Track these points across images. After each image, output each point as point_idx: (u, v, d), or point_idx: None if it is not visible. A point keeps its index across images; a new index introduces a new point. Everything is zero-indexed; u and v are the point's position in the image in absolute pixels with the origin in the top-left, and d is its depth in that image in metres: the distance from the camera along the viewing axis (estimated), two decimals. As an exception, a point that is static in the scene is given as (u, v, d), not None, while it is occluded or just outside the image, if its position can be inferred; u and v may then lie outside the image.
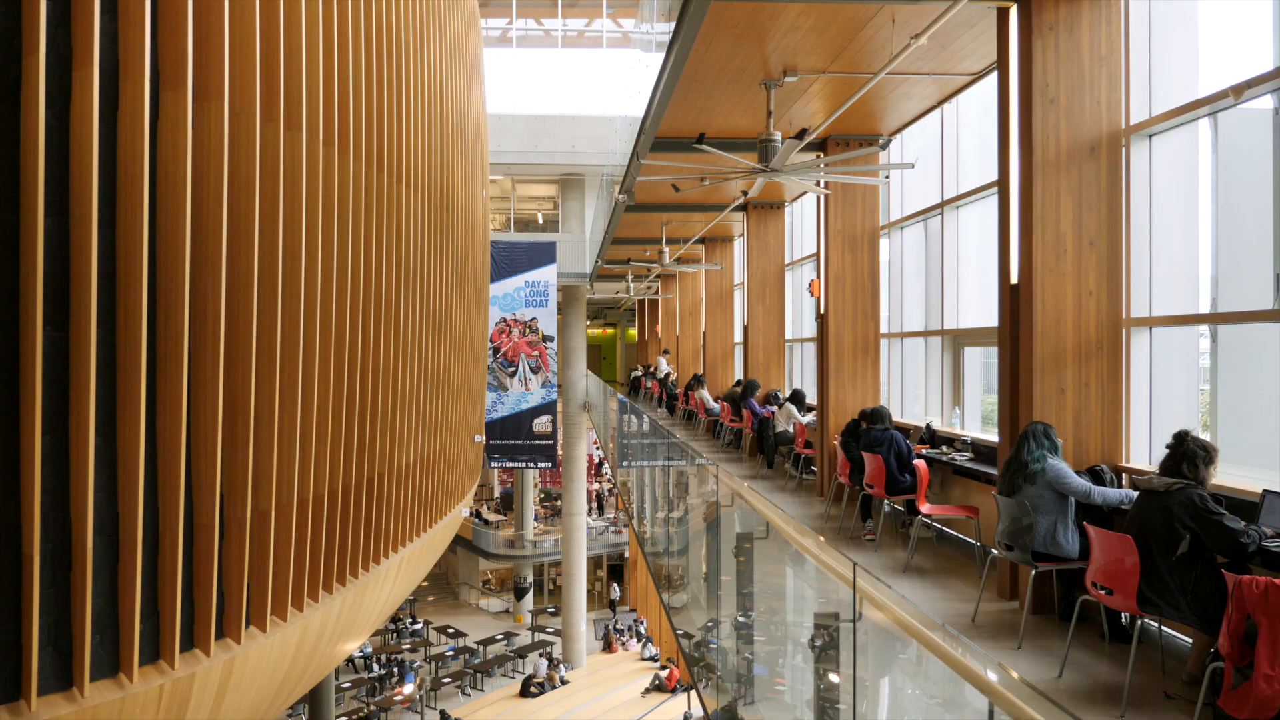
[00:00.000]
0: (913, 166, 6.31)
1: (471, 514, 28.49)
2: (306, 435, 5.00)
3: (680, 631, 7.88)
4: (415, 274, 6.76)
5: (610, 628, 25.76)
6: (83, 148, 3.64)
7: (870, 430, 6.81)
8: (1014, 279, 5.05)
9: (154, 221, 3.96)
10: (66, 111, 3.64)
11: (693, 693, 19.12)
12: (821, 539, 3.54)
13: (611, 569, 32.76)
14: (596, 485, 33.83)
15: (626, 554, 30.16)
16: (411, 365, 6.75)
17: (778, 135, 6.40)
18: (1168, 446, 3.95)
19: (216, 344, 4.23)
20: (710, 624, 6.88)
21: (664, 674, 21.51)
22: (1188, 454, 3.83)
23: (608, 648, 24.90)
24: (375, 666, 21.71)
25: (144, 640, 3.97)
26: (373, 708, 19.01)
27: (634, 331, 34.82)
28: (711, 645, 6.81)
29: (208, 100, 4.20)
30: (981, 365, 7.91)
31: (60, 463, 3.64)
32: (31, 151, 3.47)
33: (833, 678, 4.41)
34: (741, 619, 6.00)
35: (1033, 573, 4.61)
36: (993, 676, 2.12)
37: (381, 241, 5.96)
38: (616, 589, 28.80)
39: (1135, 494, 4.49)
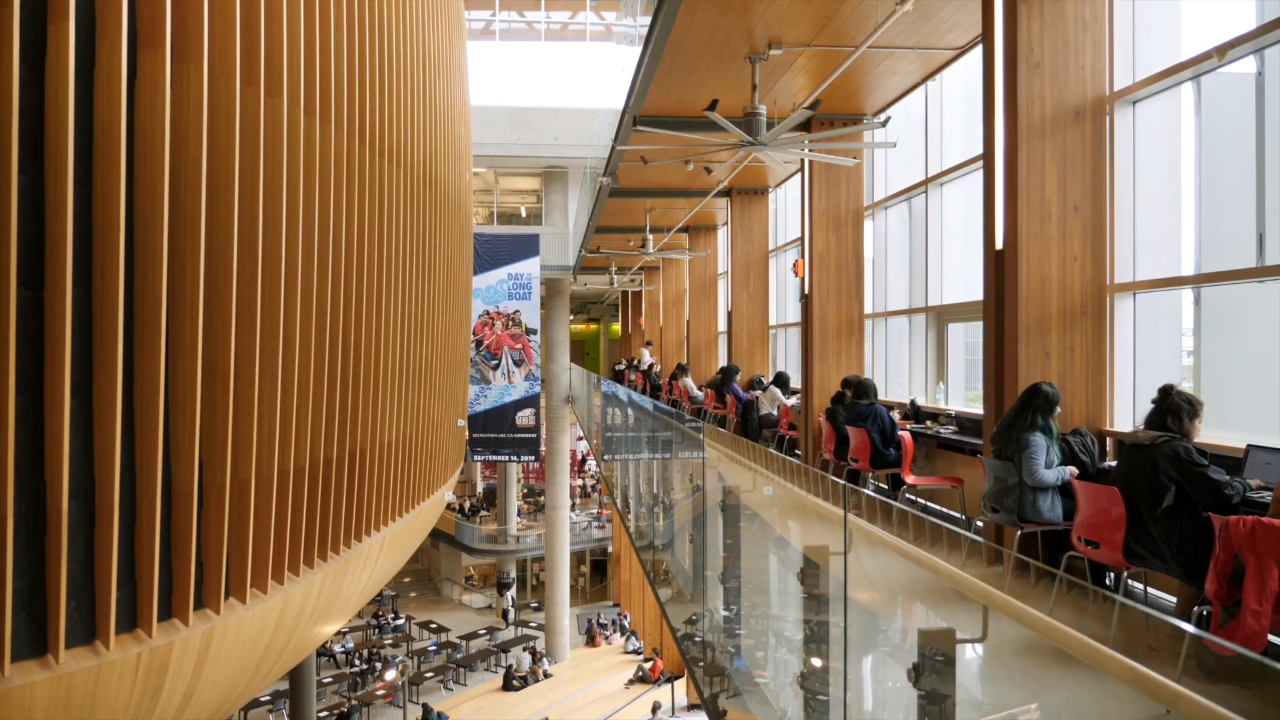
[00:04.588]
0: (885, 124, 6.31)
1: (454, 508, 28.36)
2: (287, 405, 4.94)
3: (674, 628, 7.84)
4: (397, 249, 6.69)
5: (594, 622, 25.71)
6: (58, 103, 3.56)
7: (855, 404, 6.81)
8: (999, 245, 5.07)
9: (131, 181, 3.89)
10: (41, 66, 3.55)
11: (669, 686, 19.16)
12: (808, 465, 3.52)
13: (595, 564, 32.70)
14: (580, 480, 33.76)
15: (610, 549, 30.11)
16: (393, 341, 6.69)
17: (762, 109, 6.38)
18: (1153, 400, 3.97)
19: (195, 308, 4.15)
20: (695, 617, 6.84)
21: (648, 666, 21.50)
22: (1172, 407, 3.85)
23: (591, 642, 24.85)
24: (357, 662, 21.57)
25: (121, 607, 3.89)
26: (354, 702, 18.89)
27: (617, 327, 34.79)
28: (696, 638, 6.78)
29: (186, 61, 4.13)
30: (965, 341, 7.94)
31: (34, 424, 3.56)
32: (5, 106, 3.39)
33: (817, 661, 4.41)
34: (727, 610, 5.96)
35: (1018, 534, 4.63)
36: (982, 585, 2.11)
37: (363, 214, 5.89)
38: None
39: (1070, 470, 4.57)
